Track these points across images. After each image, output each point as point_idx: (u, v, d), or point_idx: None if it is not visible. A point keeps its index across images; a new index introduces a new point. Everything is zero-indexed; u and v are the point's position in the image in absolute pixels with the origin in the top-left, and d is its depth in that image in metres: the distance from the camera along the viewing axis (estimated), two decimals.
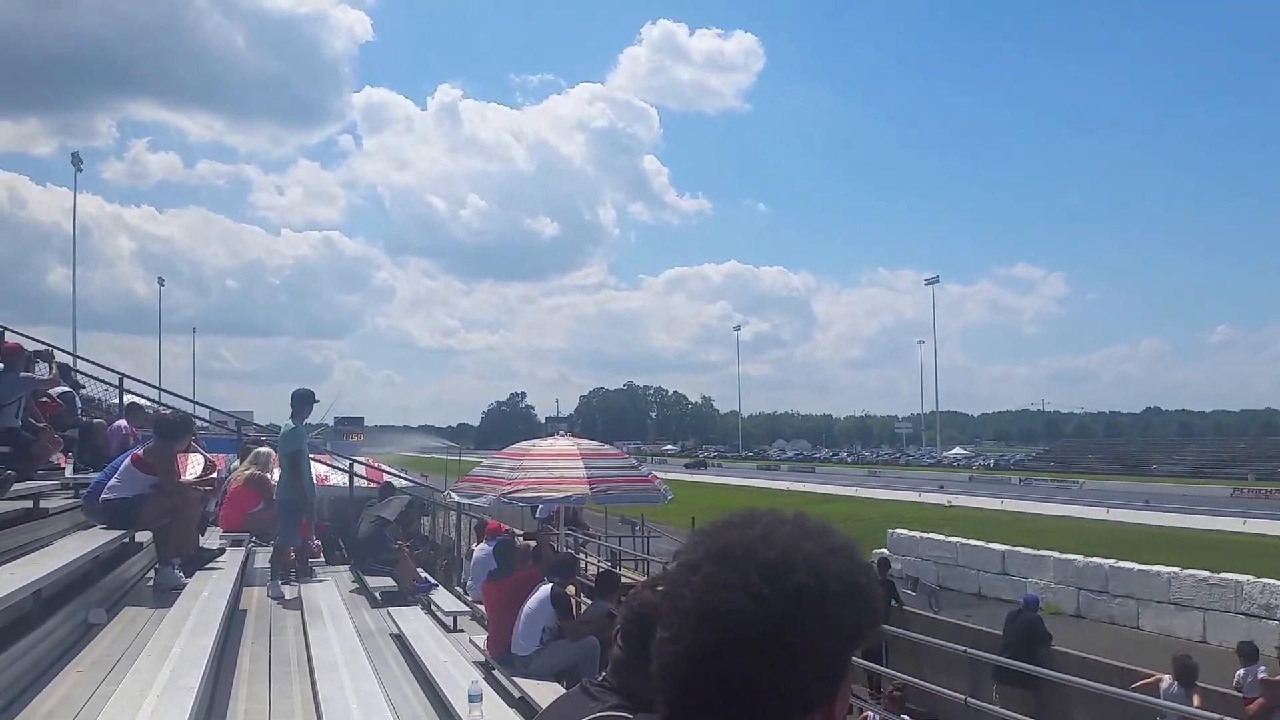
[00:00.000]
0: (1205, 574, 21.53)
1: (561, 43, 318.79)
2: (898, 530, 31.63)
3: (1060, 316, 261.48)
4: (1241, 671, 11.33)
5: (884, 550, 27.62)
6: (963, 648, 11.01)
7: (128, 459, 8.52)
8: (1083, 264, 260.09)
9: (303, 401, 10.52)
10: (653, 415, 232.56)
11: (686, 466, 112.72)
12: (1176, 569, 22.20)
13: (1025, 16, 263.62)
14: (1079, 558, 24.61)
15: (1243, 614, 20.27)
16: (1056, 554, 25.36)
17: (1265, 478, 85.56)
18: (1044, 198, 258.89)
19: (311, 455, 11.72)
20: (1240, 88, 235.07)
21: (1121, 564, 23.52)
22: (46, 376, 10.28)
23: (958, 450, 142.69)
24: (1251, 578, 20.74)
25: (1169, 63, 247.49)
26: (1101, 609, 23.19)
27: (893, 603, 16.31)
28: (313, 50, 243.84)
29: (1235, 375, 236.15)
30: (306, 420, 10.87)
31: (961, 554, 27.97)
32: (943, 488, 65.82)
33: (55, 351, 11.03)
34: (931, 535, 30.18)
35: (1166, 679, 10.48)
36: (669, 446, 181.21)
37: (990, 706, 10.50)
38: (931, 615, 18.53)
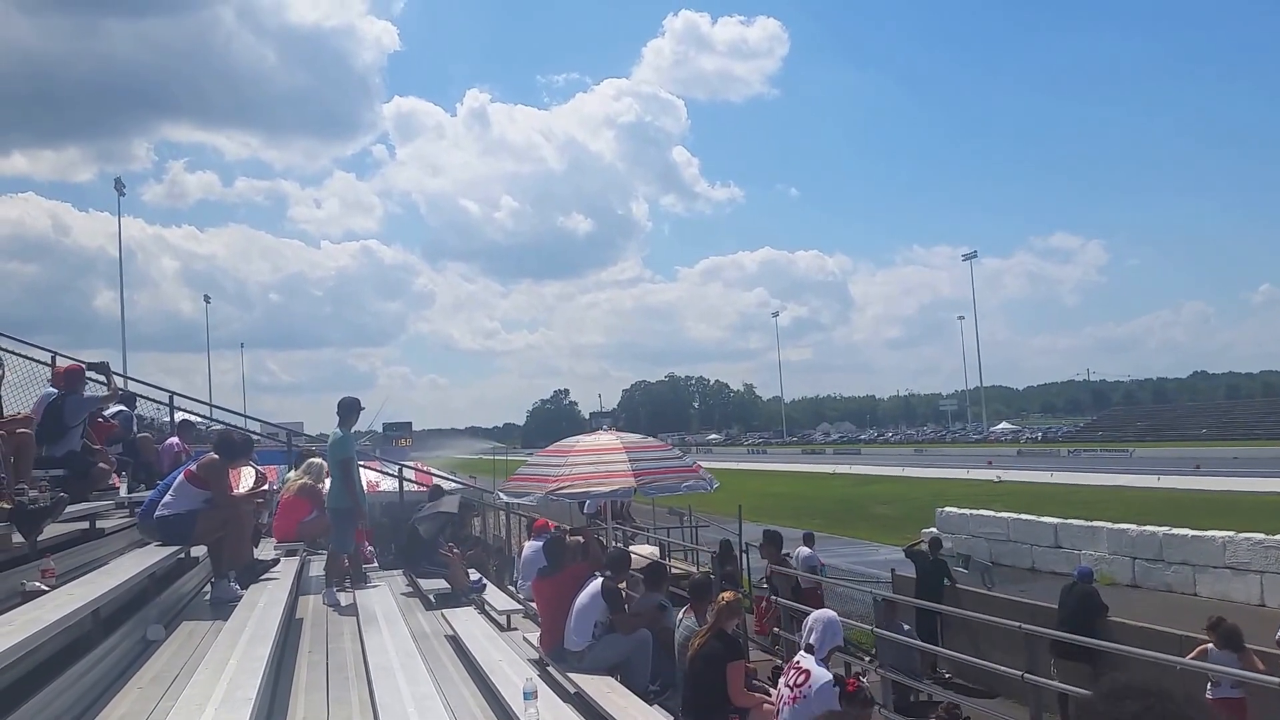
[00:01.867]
0: (1261, 537, 20.99)
1: (585, 40, 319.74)
2: (947, 508, 31.33)
3: (1101, 284, 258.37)
4: None
5: (934, 529, 27.37)
6: (1018, 623, 10.85)
7: (181, 475, 8.64)
8: (1121, 230, 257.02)
9: (349, 410, 10.61)
10: (695, 405, 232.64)
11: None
12: (1231, 533, 21.77)
13: None
14: (1132, 527, 24.21)
15: None
16: (1109, 524, 24.96)
17: None
18: (1078, 164, 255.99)
19: (361, 462, 11.84)
20: (1273, 38, 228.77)
21: (1175, 531, 23.09)
22: (106, 393, 10.41)
23: (1004, 425, 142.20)
24: None
25: (1199, 20, 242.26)
26: (1157, 577, 22.83)
27: (945, 581, 16.35)
28: (342, 63, 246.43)
29: None
30: (354, 428, 10.97)
31: (1013, 529, 27.62)
32: (990, 463, 65.20)
33: (109, 362, 11.12)
34: (982, 512, 29.85)
35: (1210, 647, 10.23)
36: (713, 436, 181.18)
37: (1050, 682, 10.39)
38: (985, 592, 18.33)
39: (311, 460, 12.45)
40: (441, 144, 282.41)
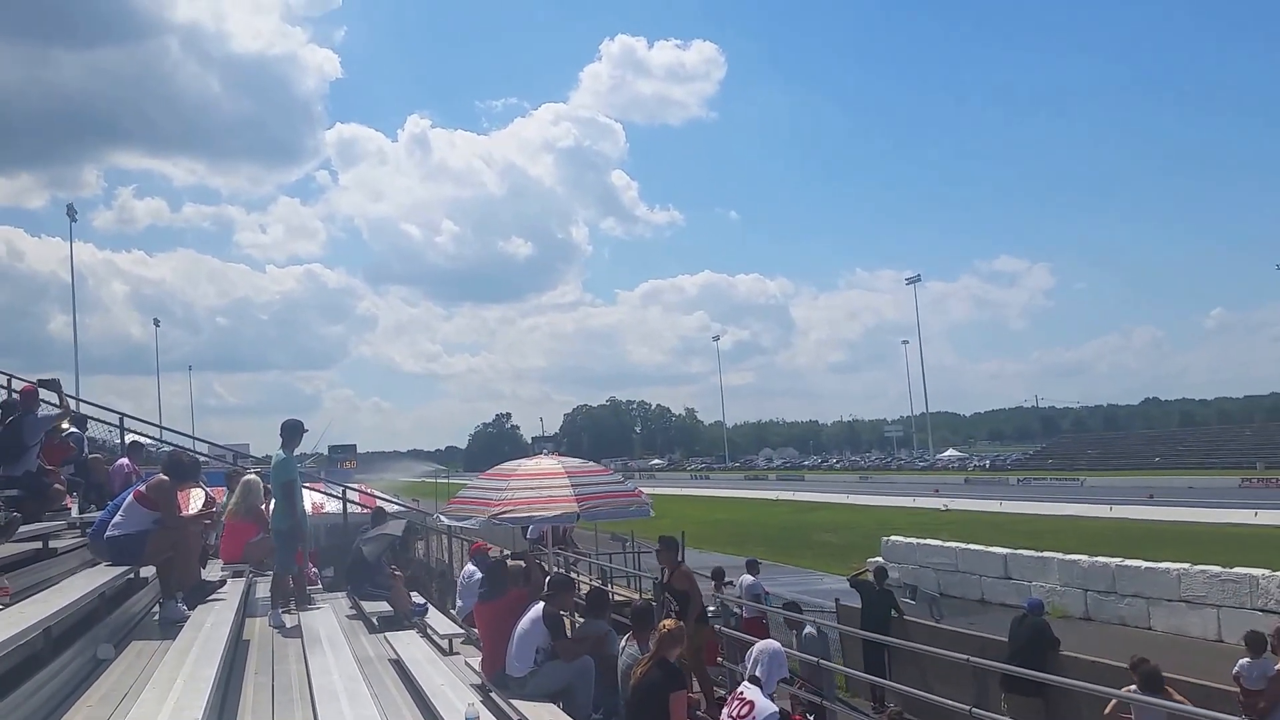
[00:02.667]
0: (1217, 569, 20.96)
1: (523, 66, 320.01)
2: (893, 537, 31.25)
3: (1048, 308, 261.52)
4: (1245, 662, 10.87)
5: (879, 559, 27.23)
6: (966, 656, 10.59)
7: (130, 495, 8.74)
8: (1067, 253, 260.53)
9: (292, 432, 10.72)
10: (637, 430, 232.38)
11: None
12: (1186, 565, 21.68)
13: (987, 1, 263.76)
14: (1084, 558, 24.22)
15: (1260, 609, 19.62)
16: (1060, 555, 24.97)
17: (1275, 465, 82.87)
18: (1022, 186, 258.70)
19: (306, 484, 11.94)
20: (1220, 62, 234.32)
21: (1128, 562, 23.06)
22: (57, 411, 10.46)
23: (951, 452, 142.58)
24: (1267, 572, 20.28)
25: (1142, 39, 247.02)
26: (1110, 610, 22.73)
27: (892, 613, 16.08)
28: (285, 90, 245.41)
29: (1235, 359, 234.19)
30: (299, 450, 11.10)
31: (961, 559, 27.60)
32: (938, 491, 65.36)
33: (59, 379, 11.17)
34: (929, 541, 29.79)
35: (1133, 688, 9.86)
36: (656, 461, 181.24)
37: (998, 716, 9.96)
38: (933, 624, 18.29)
39: (245, 479, 12.55)
40: (383, 169, 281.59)
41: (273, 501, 11.21)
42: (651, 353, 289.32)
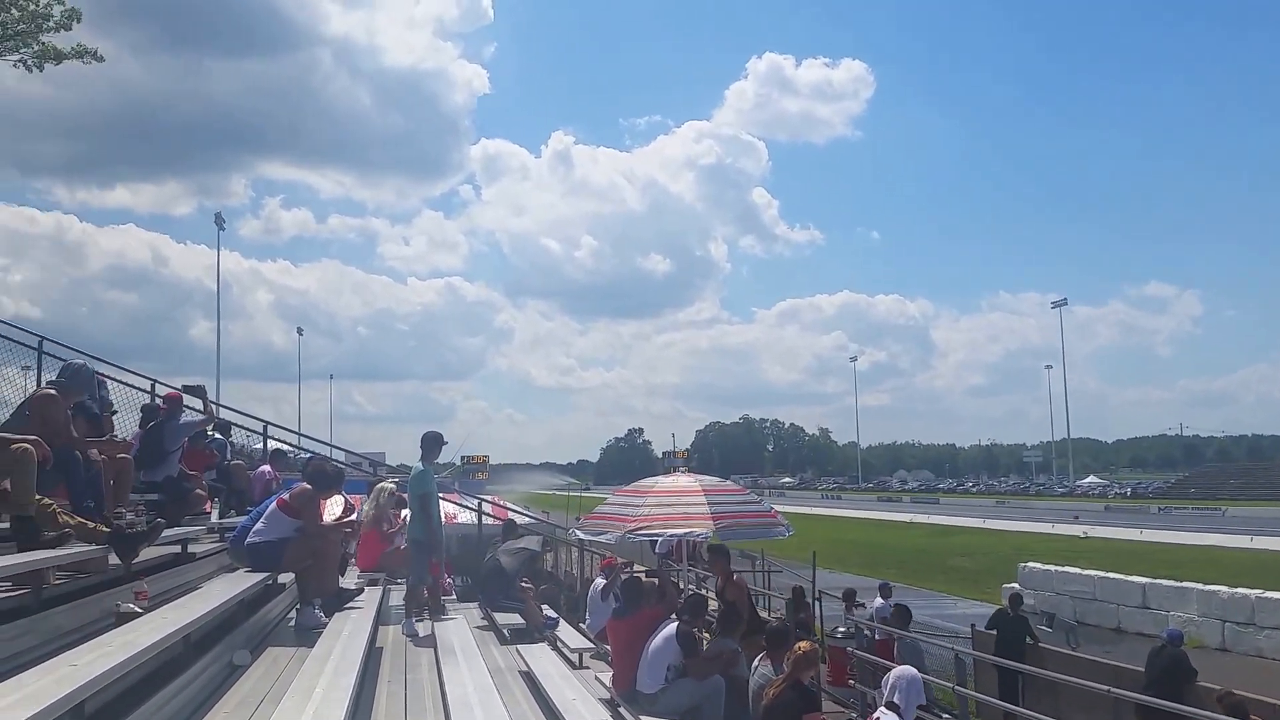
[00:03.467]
0: None
1: (667, 84, 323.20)
2: (1030, 564, 30.75)
3: (1196, 336, 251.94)
4: None
5: (1015, 585, 26.74)
6: (1106, 687, 10.57)
7: (273, 503, 8.84)
8: (1218, 280, 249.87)
9: (432, 444, 10.74)
10: (769, 448, 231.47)
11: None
12: None
13: (1144, 31, 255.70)
14: (1223, 589, 23.75)
15: None
16: (1200, 585, 24.51)
17: None
18: (1175, 212, 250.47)
19: (440, 494, 11.95)
20: None
21: (1269, 594, 22.64)
22: (201, 417, 10.67)
23: (1092, 479, 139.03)
24: None
25: None
26: (1249, 642, 22.28)
27: (1027, 640, 15.89)
28: (434, 106, 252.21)
29: None
30: (436, 461, 11.10)
31: (1100, 588, 27.19)
32: (1077, 518, 64.58)
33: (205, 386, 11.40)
34: (1067, 568, 29.28)
35: None
36: (787, 479, 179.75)
37: None
38: (1070, 652, 17.95)
39: (379, 486, 12.62)
40: (525, 185, 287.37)
41: (405, 512, 11.24)
42: (786, 372, 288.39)
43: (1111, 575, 27.62)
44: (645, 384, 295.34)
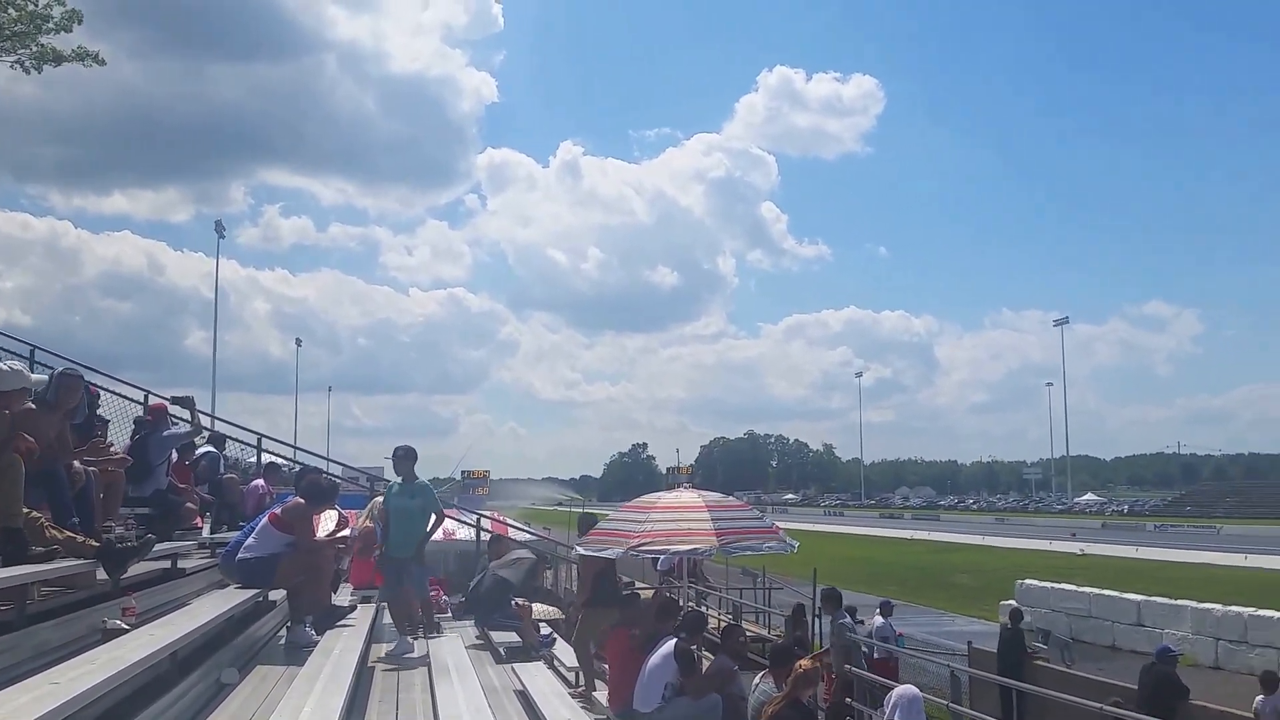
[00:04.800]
0: None
1: (677, 96, 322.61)
2: (1027, 581, 30.84)
3: (1195, 355, 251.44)
4: (1261, 699, 12.56)
5: (1013, 601, 26.77)
6: (1100, 704, 10.65)
7: (265, 518, 8.74)
8: (1218, 299, 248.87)
9: (403, 460, 10.48)
10: (773, 464, 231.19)
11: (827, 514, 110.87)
12: None
13: (1148, 49, 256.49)
14: (1217, 607, 23.89)
15: None
16: (1194, 603, 24.63)
17: None
18: (1175, 231, 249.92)
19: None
20: None
21: (1262, 612, 22.75)
22: (188, 428, 10.52)
23: (1090, 496, 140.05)
24: None
25: None
26: (1241, 660, 22.27)
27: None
28: (441, 113, 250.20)
29: None
30: (413, 478, 10.86)
31: (1095, 605, 27.28)
32: (1074, 535, 65.02)
33: (193, 397, 11.28)
34: (1063, 585, 29.45)
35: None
36: (790, 496, 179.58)
37: None
38: (1065, 669, 18.12)
39: (376, 501, 12.52)
40: (532, 195, 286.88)
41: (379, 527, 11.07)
42: (792, 387, 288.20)
43: (1107, 592, 27.71)
44: (650, 398, 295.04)
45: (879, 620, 16.84)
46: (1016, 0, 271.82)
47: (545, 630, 12.27)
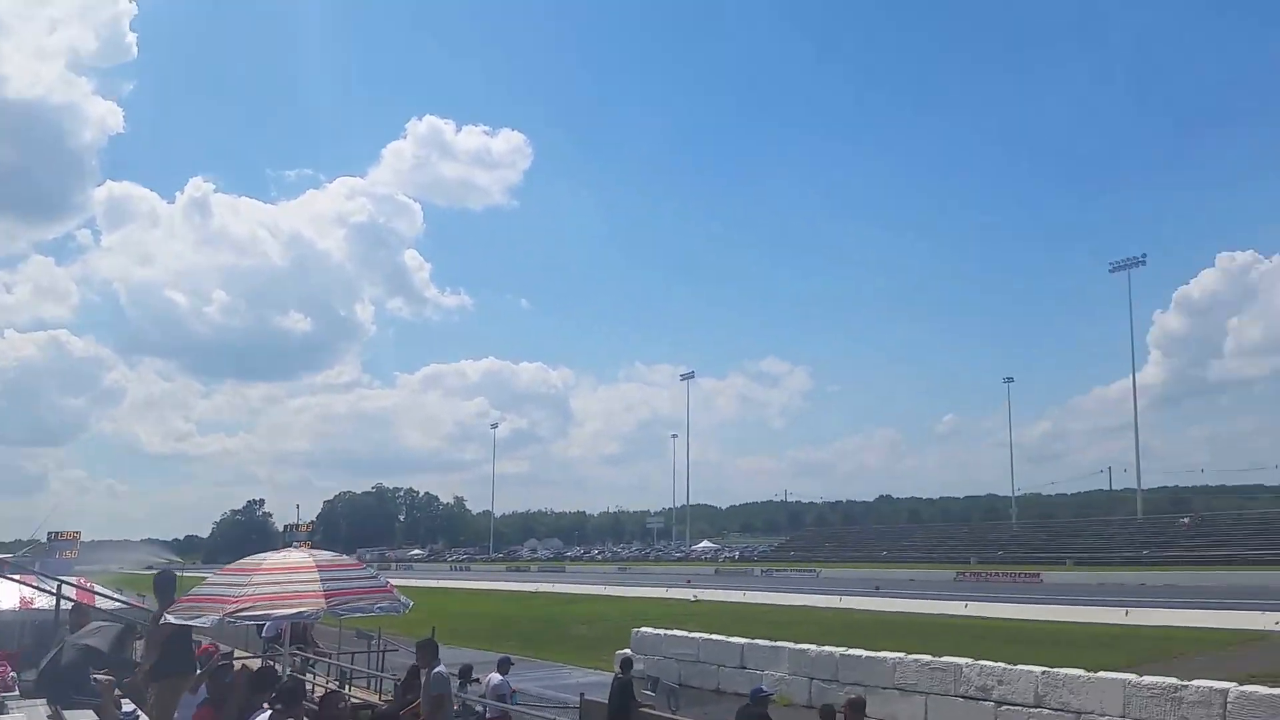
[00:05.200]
0: (928, 658, 21.90)
1: (322, 138, 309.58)
2: (643, 629, 31.61)
3: (805, 409, 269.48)
4: None
5: (627, 650, 27.29)
6: None
7: None
8: (825, 357, 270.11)
9: None
10: (401, 518, 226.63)
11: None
12: (901, 654, 22.62)
13: (745, 143, 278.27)
14: (812, 647, 24.97)
15: (961, 696, 20.60)
16: (791, 644, 25.70)
17: (986, 561, 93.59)
18: (787, 292, 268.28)
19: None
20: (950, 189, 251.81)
21: (851, 651, 23.85)
22: None
23: (705, 543, 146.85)
24: (970, 660, 21.20)
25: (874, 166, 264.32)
26: (831, 698, 22.54)
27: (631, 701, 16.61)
28: (59, 142, 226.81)
29: (959, 462, 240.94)
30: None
31: (703, 650, 27.99)
32: (689, 582, 68.07)
33: None
34: (674, 632, 30.20)
35: None
36: (416, 551, 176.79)
37: None
38: (669, 716, 18.48)
39: None
40: (154, 232, 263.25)
41: None
42: (426, 438, 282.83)
43: (714, 637, 28.39)
44: (273, 450, 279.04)
45: (496, 678, 16.76)
46: (661, 75, 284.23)
47: (129, 707, 11.26)
